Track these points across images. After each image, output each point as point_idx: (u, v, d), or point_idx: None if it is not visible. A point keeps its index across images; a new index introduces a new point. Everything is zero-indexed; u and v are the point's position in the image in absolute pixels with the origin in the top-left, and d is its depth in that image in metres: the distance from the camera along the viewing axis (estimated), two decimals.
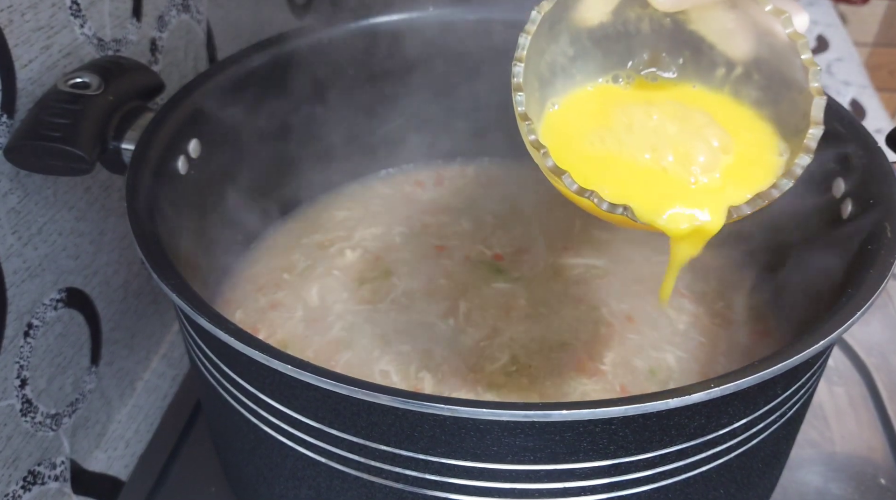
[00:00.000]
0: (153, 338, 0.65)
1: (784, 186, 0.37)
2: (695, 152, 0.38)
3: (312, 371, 0.34)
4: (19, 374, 0.49)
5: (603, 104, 0.42)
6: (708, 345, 0.53)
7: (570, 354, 0.51)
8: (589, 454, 0.35)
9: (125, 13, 0.55)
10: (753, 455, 0.41)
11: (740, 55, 0.41)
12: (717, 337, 0.53)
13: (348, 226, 0.61)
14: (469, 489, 0.37)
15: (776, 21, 0.38)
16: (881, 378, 0.63)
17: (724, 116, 0.41)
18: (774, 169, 0.38)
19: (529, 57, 0.38)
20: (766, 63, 0.40)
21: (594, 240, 0.60)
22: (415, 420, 0.35)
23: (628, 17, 0.41)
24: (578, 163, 0.38)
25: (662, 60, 0.42)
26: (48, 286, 0.51)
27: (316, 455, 0.39)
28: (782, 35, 0.38)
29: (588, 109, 0.42)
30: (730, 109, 0.41)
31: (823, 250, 0.47)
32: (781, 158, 0.39)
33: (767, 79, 0.40)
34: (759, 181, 0.38)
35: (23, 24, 0.46)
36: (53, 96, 0.46)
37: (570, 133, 0.40)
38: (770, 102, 0.40)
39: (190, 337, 0.43)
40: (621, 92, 0.42)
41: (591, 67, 0.42)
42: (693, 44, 0.41)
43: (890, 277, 0.39)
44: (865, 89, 1.04)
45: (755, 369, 0.34)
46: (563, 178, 0.36)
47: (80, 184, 0.53)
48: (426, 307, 0.54)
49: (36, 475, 0.52)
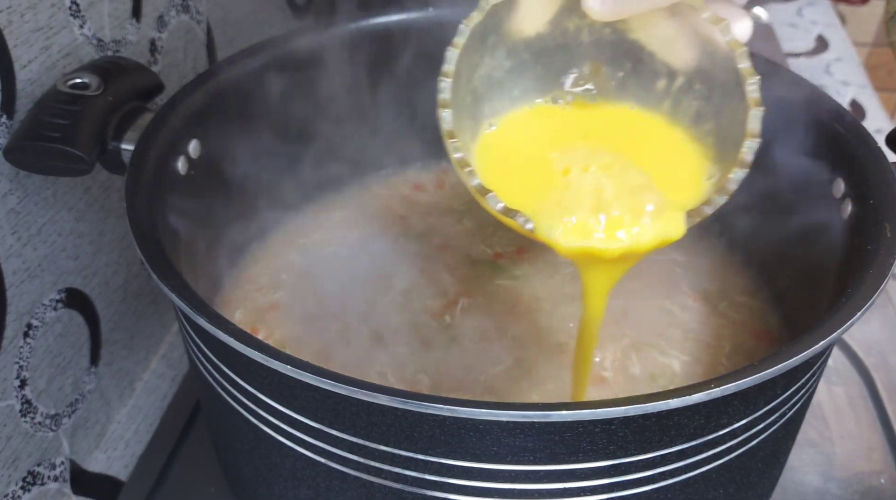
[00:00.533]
0: (153, 338, 0.65)
1: (717, 203, 0.36)
2: (627, 220, 0.36)
3: (312, 371, 0.34)
4: (19, 374, 0.49)
5: (541, 130, 0.40)
6: (710, 347, 0.53)
7: (569, 355, 0.51)
8: (589, 455, 0.35)
9: (125, 14, 0.55)
10: (753, 455, 0.41)
11: (681, 65, 0.39)
12: (720, 338, 0.53)
13: (347, 226, 0.61)
14: (468, 490, 0.37)
15: (716, 29, 0.36)
16: (880, 378, 0.63)
17: (657, 143, 0.40)
18: (700, 192, 0.37)
19: (460, 72, 0.37)
20: (707, 73, 0.39)
21: None
22: (414, 420, 0.35)
23: (567, 28, 0.40)
24: (511, 187, 0.37)
25: (604, 73, 0.41)
26: (48, 287, 0.51)
27: (315, 455, 0.39)
28: (722, 44, 0.37)
29: (526, 135, 0.40)
30: (664, 134, 0.40)
31: (823, 250, 0.47)
32: (709, 181, 0.38)
33: (708, 89, 0.39)
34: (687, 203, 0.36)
35: (22, 24, 0.46)
36: (53, 97, 0.46)
37: (506, 158, 0.39)
38: (711, 114, 0.39)
39: (189, 337, 0.43)
40: (560, 113, 0.41)
41: (531, 81, 0.41)
42: (634, 54, 0.40)
43: (890, 277, 0.39)
44: (865, 89, 1.04)
45: (755, 369, 0.34)
46: (488, 197, 0.35)
47: (79, 184, 0.53)
48: (426, 307, 0.54)
49: (35, 475, 0.52)
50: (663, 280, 0.57)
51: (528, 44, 0.40)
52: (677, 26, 0.38)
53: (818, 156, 0.49)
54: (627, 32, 0.40)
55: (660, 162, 0.39)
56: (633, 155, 0.38)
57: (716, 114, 0.39)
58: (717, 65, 0.38)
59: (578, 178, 0.37)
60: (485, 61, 0.39)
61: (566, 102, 0.41)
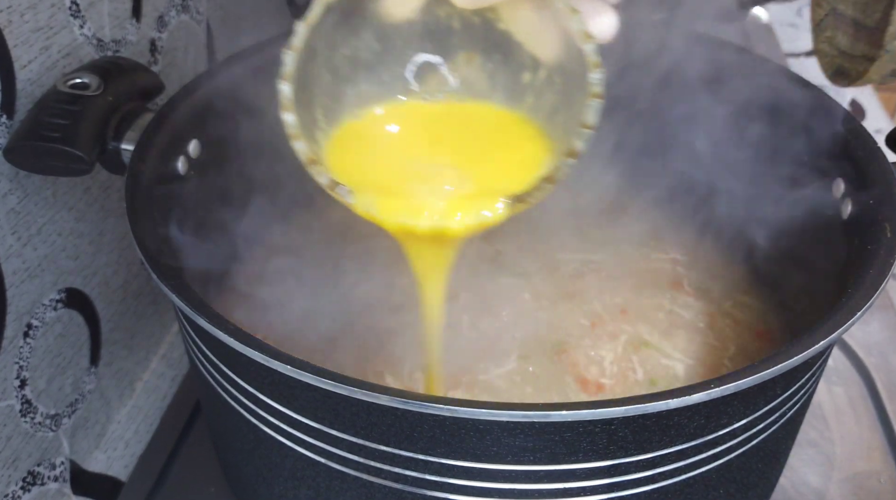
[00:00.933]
0: (153, 339, 0.65)
1: (544, 190, 0.36)
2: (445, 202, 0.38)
3: (312, 371, 0.34)
4: (19, 374, 0.49)
5: (402, 122, 0.42)
6: (710, 347, 0.53)
7: (569, 354, 0.51)
8: (589, 455, 0.35)
9: (125, 14, 0.55)
10: (753, 456, 0.41)
11: (545, 57, 0.40)
12: (725, 339, 0.53)
13: (346, 226, 0.61)
14: (469, 490, 0.37)
15: (571, 20, 0.36)
16: (881, 378, 0.63)
17: (507, 138, 0.41)
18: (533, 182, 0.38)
19: (316, 48, 0.37)
20: (565, 66, 0.39)
21: (593, 237, 0.60)
22: (414, 421, 0.35)
23: (438, 16, 0.40)
24: (353, 169, 0.39)
25: (476, 62, 0.42)
26: (48, 287, 0.51)
27: (315, 456, 0.39)
28: (576, 36, 0.37)
29: (384, 125, 0.42)
30: (518, 130, 0.41)
31: (823, 250, 0.47)
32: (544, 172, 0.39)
33: (565, 83, 0.39)
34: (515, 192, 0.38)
35: (22, 24, 0.46)
36: (53, 97, 0.46)
37: (360, 144, 0.41)
38: (564, 108, 0.39)
39: (189, 337, 0.43)
40: (427, 108, 0.42)
41: (400, 68, 0.42)
42: (503, 45, 0.41)
43: (890, 277, 0.39)
44: (865, 89, 1.04)
45: (755, 369, 0.34)
46: (313, 168, 0.36)
47: (79, 184, 0.53)
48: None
49: (35, 475, 0.52)
50: (665, 279, 0.57)
51: (398, 29, 0.40)
52: (542, 17, 0.38)
53: (818, 156, 0.49)
54: (496, 22, 0.40)
55: (503, 155, 0.41)
56: (479, 147, 0.41)
57: (567, 107, 0.39)
58: (572, 57, 0.38)
59: (413, 163, 0.39)
60: (349, 41, 0.40)
61: (436, 100, 0.42)
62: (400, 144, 0.41)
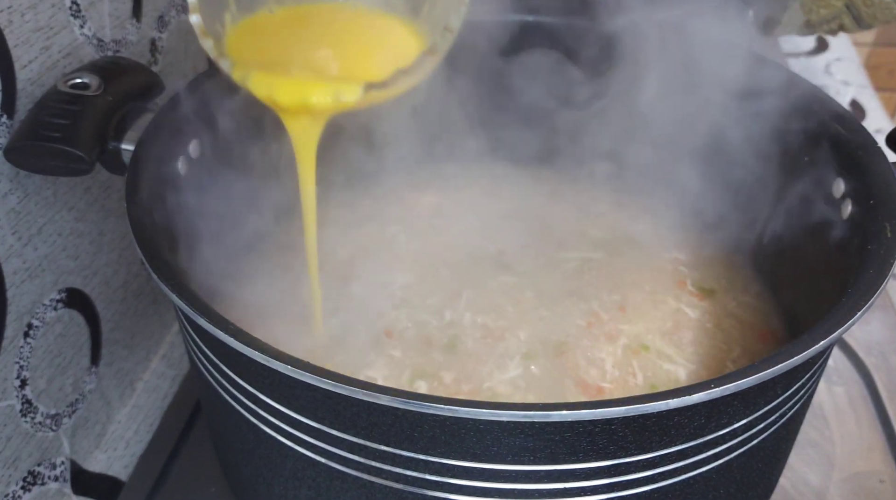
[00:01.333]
0: (153, 338, 0.65)
1: (399, 81, 0.40)
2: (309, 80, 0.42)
3: (312, 371, 0.34)
4: (19, 374, 0.49)
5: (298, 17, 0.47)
6: (716, 348, 0.53)
7: (570, 354, 0.51)
8: (589, 455, 0.35)
9: (125, 14, 0.56)
10: (753, 455, 0.41)
11: None
12: (730, 341, 0.53)
13: (346, 226, 0.61)
14: (469, 490, 0.37)
15: None
16: (881, 378, 0.63)
17: (382, 36, 0.47)
18: None
19: None
20: None
21: (593, 236, 0.60)
22: (415, 421, 0.35)
23: None
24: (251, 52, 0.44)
25: None
26: (48, 287, 0.51)
27: (316, 456, 0.39)
28: None
29: (285, 19, 0.47)
30: (394, 31, 0.47)
31: (823, 250, 0.47)
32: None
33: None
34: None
35: (22, 24, 0.46)
36: (53, 97, 0.46)
37: (263, 33, 0.46)
38: (440, 15, 0.43)
39: (190, 337, 0.43)
40: (323, 8, 0.47)
41: None
42: None
43: (890, 277, 0.39)
44: (865, 89, 1.04)
45: (755, 369, 0.34)
46: (205, 42, 0.40)
47: (79, 184, 0.53)
48: (427, 304, 0.54)
49: (36, 475, 0.52)
50: (669, 278, 0.57)
51: None
52: None
53: (818, 156, 0.49)
54: None
55: (373, 50, 0.46)
56: (356, 42, 0.46)
57: (444, 14, 0.43)
58: None
59: (295, 50, 0.45)
60: None
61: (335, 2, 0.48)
62: (290, 34, 0.47)
